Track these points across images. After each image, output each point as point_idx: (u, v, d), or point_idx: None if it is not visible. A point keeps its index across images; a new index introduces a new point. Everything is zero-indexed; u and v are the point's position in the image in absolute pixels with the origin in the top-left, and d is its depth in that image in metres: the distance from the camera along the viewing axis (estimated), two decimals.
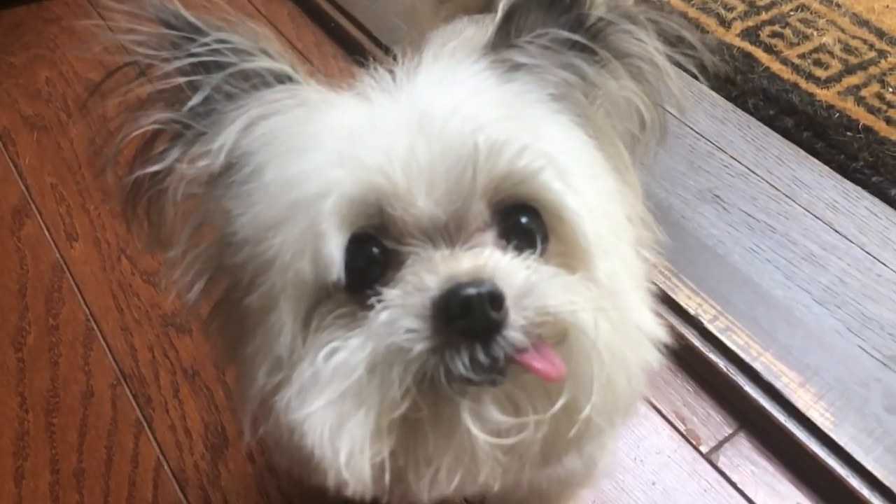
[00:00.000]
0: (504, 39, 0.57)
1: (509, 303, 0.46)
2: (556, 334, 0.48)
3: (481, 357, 0.46)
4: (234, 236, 0.53)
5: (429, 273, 0.48)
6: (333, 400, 0.47)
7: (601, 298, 0.50)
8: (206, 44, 0.56)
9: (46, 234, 1.44)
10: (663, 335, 0.55)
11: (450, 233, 0.50)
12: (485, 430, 0.47)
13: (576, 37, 0.57)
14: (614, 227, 0.55)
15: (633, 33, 0.58)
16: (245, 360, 0.54)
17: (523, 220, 0.51)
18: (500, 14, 0.58)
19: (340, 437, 0.46)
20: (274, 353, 0.50)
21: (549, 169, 0.50)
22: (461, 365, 0.46)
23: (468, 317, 0.46)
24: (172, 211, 0.59)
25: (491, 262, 0.48)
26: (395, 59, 0.57)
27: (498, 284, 0.46)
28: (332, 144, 0.50)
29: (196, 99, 0.56)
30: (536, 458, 0.50)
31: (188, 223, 0.60)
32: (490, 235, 0.51)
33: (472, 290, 0.45)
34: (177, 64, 0.56)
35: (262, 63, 0.57)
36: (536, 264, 0.49)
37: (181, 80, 0.56)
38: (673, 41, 0.61)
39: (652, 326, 0.55)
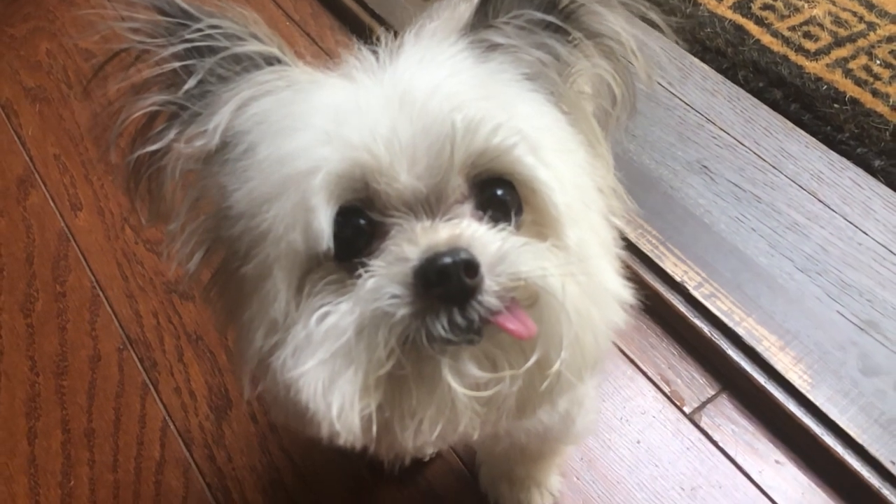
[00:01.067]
0: (482, 20, 0.61)
1: (484, 270, 0.51)
2: (528, 297, 0.52)
3: (458, 319, 0.50)
4: (230, 210, 0.57)
5: (410, 244, 0.52)
6: (325, 359, 0.51)
7: (570, 264, 0.54)
8: (199, 29, 0.59)
9: (51, 203, 1.47)
10: (629, 296, 0.59)
11: (430, 205, 0.54)
12: (463, 384, 0.51)
13: (549, 18, 0.60)
14: (584, 197, 0.59)
15: (602, 14, 0.61)
16: (243, 323, 0.58)
17: (499, 193, 0.55)
18: None
19: (332, 392, 0.51)
20: (270, 318, 0.54)
21: (522, 145, 0.54)
22: (440, 327, 0.50)
23: (445, 284, 0.50)
24: (172, 186, 0.63)
25: (467, 232, 0.52)
26: (378, 39, 0.60)
27: (473, 253, 0.50)
28: (320, 124, 0.54)
29: (191, 82, 0.60)
30: (512, 410, 0.54)
31: (187, 197, 0.63)
32: (468, 207, 0.55)
33: (448, 260, 0.50)
34: (172, 49, 0.59)
35: (252, 47, 0.60)
36: (509, 234, 0.53)
37: (176, 64, 0.60)
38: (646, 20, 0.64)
39: (618, 288, 0.59)
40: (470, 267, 0.50)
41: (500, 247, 0.52)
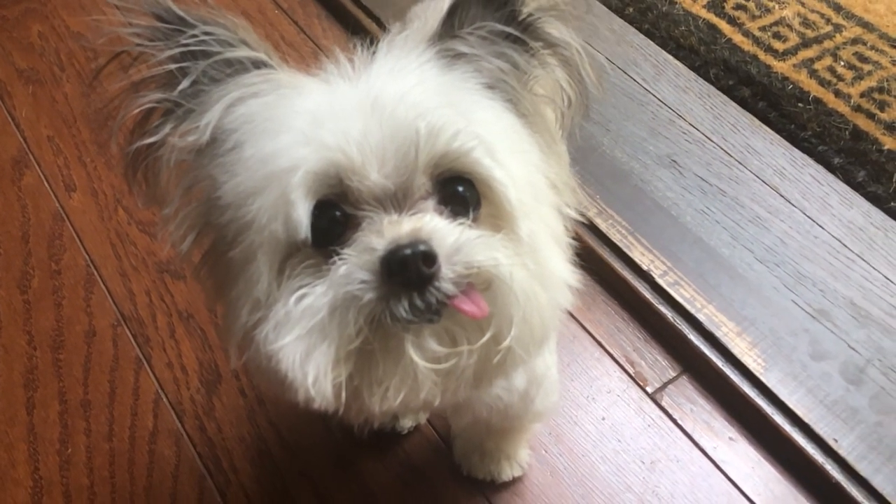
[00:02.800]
0: (449, 30, 0.67)
1: (441, 259, 0.58)
2: (482, 283, 0.59)
3: (418, 302, 0.57)
4: (219, 200, 0.64)
5: (377, 235, 0.59)
6: (302, 335, 0.58)
7: (521, 253, 0.61)
8: (194, 35, 0.65)
9: (46, 184, 1.52)
10: (574, 281, 0.67)
11: (398, 200, 0.61)
12: (424, 357, 0.59)
13: (509, 29, 0.67)
14: (536, 193, 0.66)
15: (557, 26, 0.68)
16: (230, 301, 0.65)
17: (459, 189, 0.62)
18: (445, 8, 0.68)
19: (308, 363, 0.58)
20: (254, 297, 0.61)
21: (479, 148, 0.61)
22: (402, 309, 0.57)
23: (405, 272, 0.57)
24: (166, 175, 0.70)
25: (429, 226, 0.60)
26: (354, 46, 0.67)
27: (432, 245, 0.58)
28: (300, 127, 0.60)
29: (185, 83, 0.66)
30: (470, 380, 0.62)
31: (180, 185, 0.70)
32: (431, 202, 0.62)
33: (408, 251, 0.57)
34: (169, 52, 0.66)
35: (242, 52, 0.66)
36: (467, 227, 0.61)
37: (173, 66, 0.66)
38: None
39: (565, 274, 0.66)
40: (428, 257, 0.57)
41: (456, 239, 0.59)
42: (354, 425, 1.03)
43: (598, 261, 1.34)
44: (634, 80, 1.63)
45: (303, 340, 0.58)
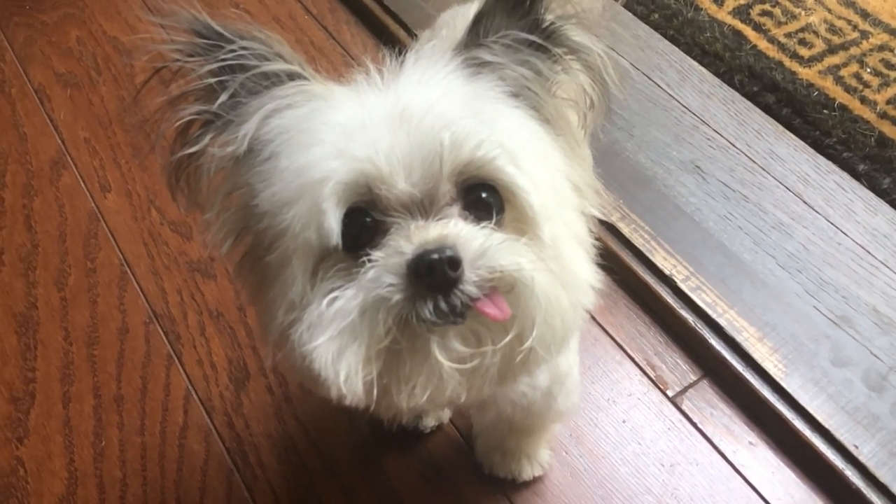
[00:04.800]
0: (474, 39, 0.70)
1: (465, 264, 0.60)
2: (505, 286, 0.62)
3: (442, 305, 0.60)
4: (256, 207, 0.67)
5: (405, 240, 0.62)
6: (334, 336, 0.61)
7: (543, 256, 0.63)
8: (232, 50, 0.68)
9: (82, 185, 1.57)
10: (597, 282, 0.69)
11: (424, 207, 0.64)
12: (448, 358, 0.62)
13: (532, 37, 0.69)
14: (559, 197, 0.68)
15: (577, 32, 0.71)
16: (267, 302, 0.68)
17: (483, 195, 0.65)
18: (471, 18, 0.71)
19: (340, 362, 0.61)
20: (289, 299, 0.65)
21: (502, 156, 0.63)
22: (427, 311, 0.60)
23: (431, 276, 0.59)
24: (207, 182, 0.73)
25: (454, 231, 0.62)
26: (384, 55, 0.70)
27: (457, 250, 0.60)
28: (331, 139, 0.63)
29: (224, 96, 0.69)
30: (494, 378, 0.65)
31: (220, 191, 0.73)
32: (456, 208, 0.65)
33: (435, 256, 0.59)
34: (208, 67, 0.69)
35: (277, 65, 0.69)
36: (490, 231, 0.63)
37: (212, 80, 0.69)
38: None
39: (587, 275, 0.68)
40: (453, 262, 0.60)
41: (481, 244, 0.62)
42: (384, 420, 1.08)
43: (620, 265, 1.36)
44: (659, 85, 1.64)
45: (335, 341, 0.61)
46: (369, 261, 0.62)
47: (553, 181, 0.68)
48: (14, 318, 1.36)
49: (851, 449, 1.14)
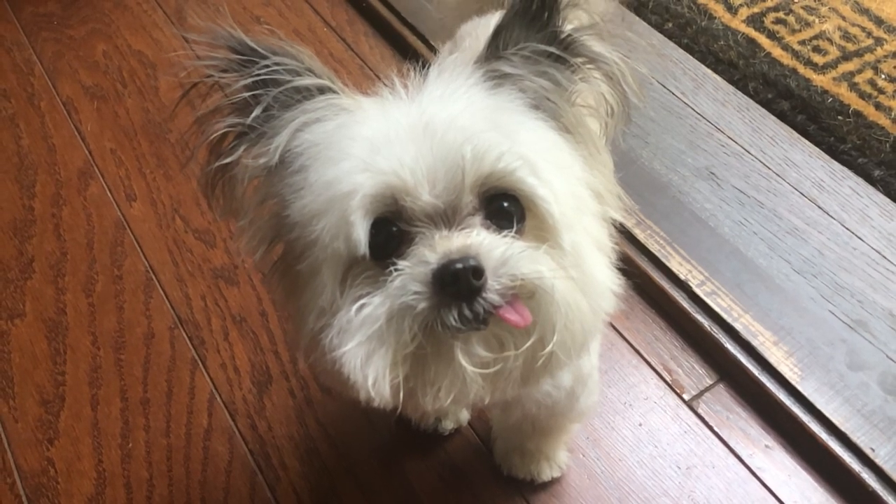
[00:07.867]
0: (494, 52, 0.72)
1: (488, 273, 0.63)
2: (526, 293, 0.64)
3: (466, 312, 0.62)
4: (288, 218, 0.70)
5: (430, 249, 0.64)
6: (362, 341, 0.64)
7: (564, 263, 0.66)
8: (266, 65, 0.71)
9: (108, 194, 1.61)
10: (617, 287, 0.71)
11: (448, 217, 0.66)
12: (472, 363, 0.64)
13: (550, 48, 0.72)
14: (579, 205, 0.70)
15: (594, 42, 0.73)
16: (299, 308, 0.71)
17: (504, 205, 0.67)
18: (491, 31, 0.73)
19: (368, 367, 0.64)
20: (319, 305, 0.67)
21: (523, 168, 0.66)
22: (452, 318, 0.62)
23: (456, 284, 0.62)
24: (241, 191, 0.76)
25: (476, 241, 0.65)
26: (408, 69, 0.72)
27: (480, 259, 0.63)
28: (358, 154, 0.66)
29: (257, 110, 0.72)
30: (517, 381, 0.67)
31: (253, 200, 0.77)
32: (478, 218, 0.67)
33: (459, 266, 0.62)
34: (243, 82, 0.72)
35: (308, 80, 0.72)
36: (511, 240, 0.65)
37: (246, 94, 0.72)
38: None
39: (608, 281, 0.70)
40: (476, 271, 0.62)
41: (502, 252, 0.64)
42: (412, 420, 1.17)
43: (636, 271, 1.38)
44: (673, 93, 1.66)
45: (363, 346, 0.64)
46: (396, 269, 0.64)
47: (573, 189, 0.70)
48: (44, 324, 1.40)
49: (868, 452, 1.14)
